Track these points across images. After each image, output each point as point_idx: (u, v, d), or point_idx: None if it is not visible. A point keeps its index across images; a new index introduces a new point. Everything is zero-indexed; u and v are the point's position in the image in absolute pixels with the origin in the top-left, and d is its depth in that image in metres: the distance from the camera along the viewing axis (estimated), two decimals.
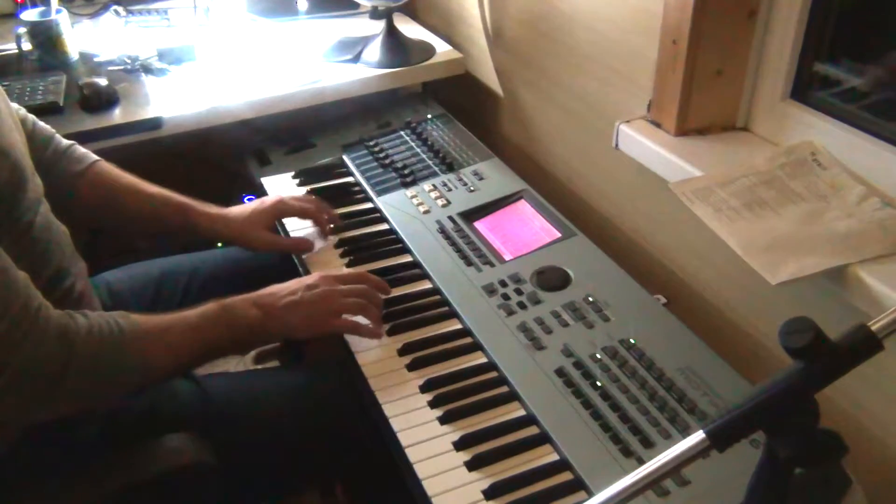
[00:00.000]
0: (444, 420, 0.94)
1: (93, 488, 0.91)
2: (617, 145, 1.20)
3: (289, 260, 1.27)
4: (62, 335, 0.85)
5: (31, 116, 1.15)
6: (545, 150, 1.57)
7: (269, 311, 1.02)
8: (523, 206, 1.30)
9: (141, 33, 1.77)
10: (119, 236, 1.70)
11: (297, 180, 1.46)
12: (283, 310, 1.02)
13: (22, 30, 1.63)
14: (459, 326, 1.09)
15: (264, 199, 1.28)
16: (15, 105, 1.12)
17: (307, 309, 1.03)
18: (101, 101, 1.44)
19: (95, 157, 1.20)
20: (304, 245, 1.24)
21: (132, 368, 0.91)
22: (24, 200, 0.91)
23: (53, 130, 1.18)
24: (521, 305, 1.09)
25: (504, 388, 0.98)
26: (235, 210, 1.25)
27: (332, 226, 1.30)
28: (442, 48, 1.71)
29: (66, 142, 1.18)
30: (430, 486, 0.86)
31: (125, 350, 0.90)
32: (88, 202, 1.17)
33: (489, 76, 1.70)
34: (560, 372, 0.97)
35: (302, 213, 1.28)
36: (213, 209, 1.24)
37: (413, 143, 1.52)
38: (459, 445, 0.91)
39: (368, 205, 1.37)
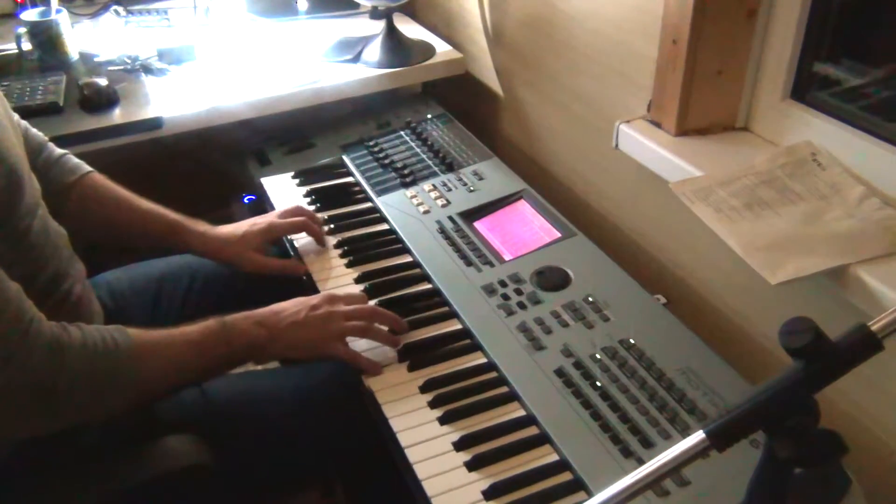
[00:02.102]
0: (443, 420, 0.94)
1: (94, 490, 0.90)
2: (617, 145, 1.20)
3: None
4: (53, 348, 0.83)
5: (24, 122, 1.13)
6: (545, 150, 1.57)
7: (273, 331, 1.01)
8: (523, 206, 1.30)
9: (141, 33, 1.77)
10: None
11: (296, 180, 1.46)
12: (285, 331, 1.02)
13: (22, 30, 1.63)
14: (459, 327, 1.09)
15: (256, 220, 1.26)
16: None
17: (309, 332, 1.03)
18: (101, 101, 1.44)
19: (89, 168, 1.18)
20: (292, 269, 1.22)
21: (127, 383, 0.89)
22: (22, 205, 0.91)
23: (46, 138, 1.16)
24: (521, 305, 1.09)
25: (504, 389, 0.98)
26: (227, 230, 1.23)
27: (326, 229, 1.29)
28: (442, 48, 1.71)
29: (59, 151, 1.16)
30: (430, 487, 0.86)
31: (120, 365, 0.89)
32: (77, 213, 1.14)
33: (489, 76, 1.70)
34: (560, 372, 0.97)
35: (294, 229, 1.27)
36: (205, 227, 1.22)
37: (413, 143, 1.52)
38: (459, 446, 0.91)
39: (368, 205, 1.37)
